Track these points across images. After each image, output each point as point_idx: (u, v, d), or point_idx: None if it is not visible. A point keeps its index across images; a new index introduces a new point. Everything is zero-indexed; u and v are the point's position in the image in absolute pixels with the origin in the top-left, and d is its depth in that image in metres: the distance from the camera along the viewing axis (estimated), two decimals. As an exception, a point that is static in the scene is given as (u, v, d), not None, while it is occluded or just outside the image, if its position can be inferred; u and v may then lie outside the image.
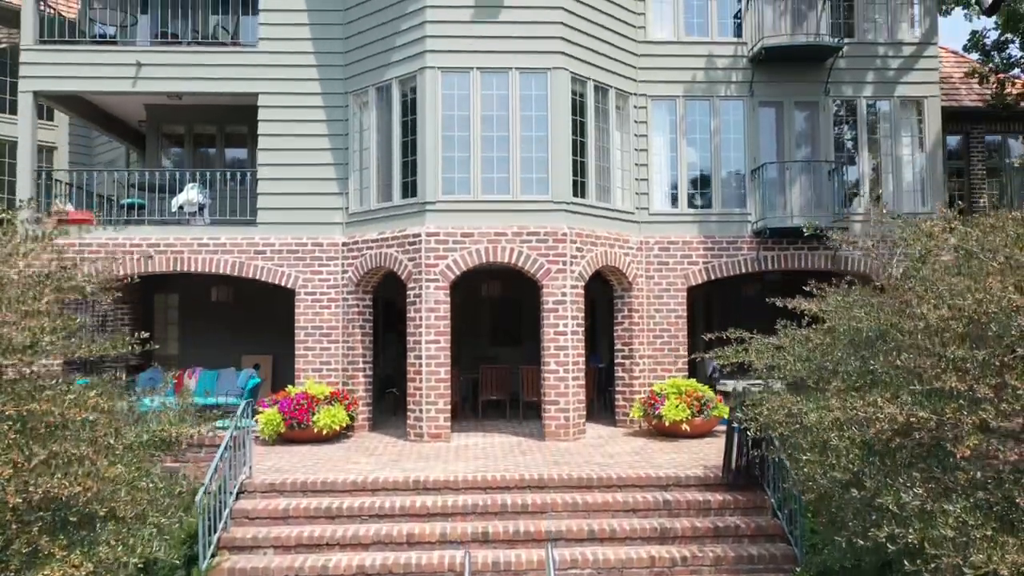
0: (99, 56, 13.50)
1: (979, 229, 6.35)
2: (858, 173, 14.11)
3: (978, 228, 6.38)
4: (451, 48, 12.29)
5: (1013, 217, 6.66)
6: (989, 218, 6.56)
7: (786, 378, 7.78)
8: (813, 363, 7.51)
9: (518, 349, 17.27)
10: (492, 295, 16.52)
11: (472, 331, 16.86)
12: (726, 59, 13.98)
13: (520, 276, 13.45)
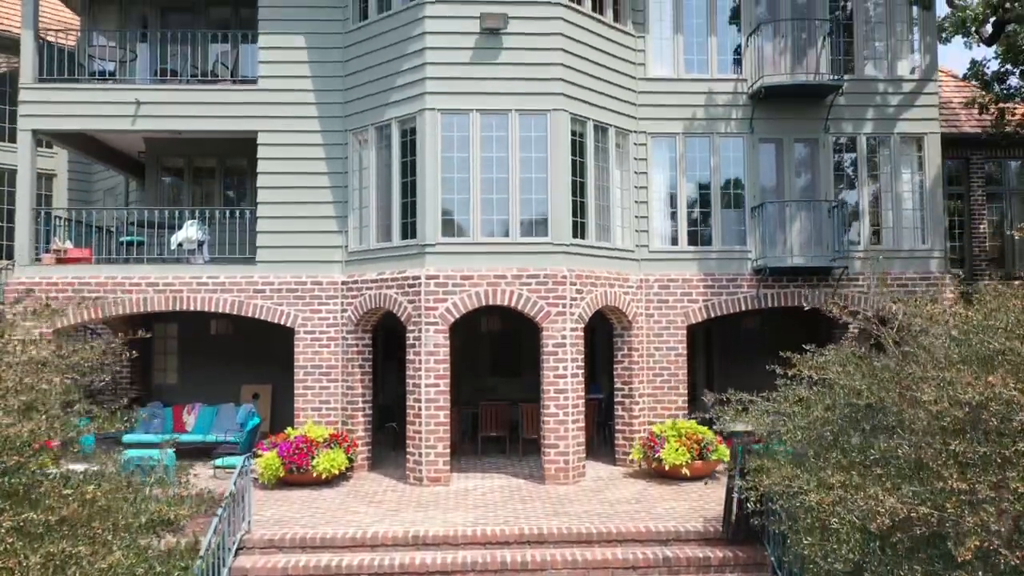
0: (98, 94, 13.49)
1: (981, 312, 6.32)
2: (858, 209, 14.08)
3: (980, 311, 6.35)
4: (451, 90, 12.28)
5: (1014, 292, 6.67)
6: (989, 297, 6.54)
7: (786, 445, 7.76)
8: (813, 432, 7.49)
9: (517, 380, 17.24)
10: (492, 329, 16.50)
11: (471, 362, 16.83)
12: (726, 96, 13.97)
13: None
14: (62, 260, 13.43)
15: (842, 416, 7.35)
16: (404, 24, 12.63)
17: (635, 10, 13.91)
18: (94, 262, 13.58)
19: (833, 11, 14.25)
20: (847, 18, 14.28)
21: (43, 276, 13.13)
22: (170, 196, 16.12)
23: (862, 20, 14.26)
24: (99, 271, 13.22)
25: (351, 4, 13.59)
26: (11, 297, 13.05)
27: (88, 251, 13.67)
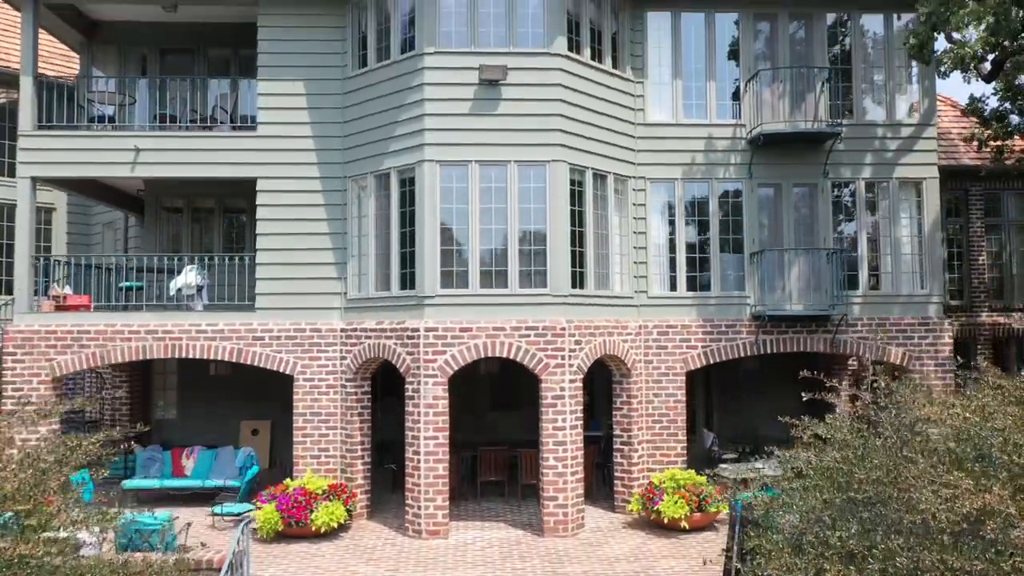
0: (97, 141, 13.50)
1: (980, 413, 6.32)
2: (857, 254, 14.08)
3: (979, 411, 6.35)
4: (449, 141, 12.29)
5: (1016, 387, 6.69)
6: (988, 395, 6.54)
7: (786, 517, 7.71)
8: (812, 514, 7.47)
9: (517, 414, 17.23)
10: (491, 370, 16.51)
11: (470, 398, 16.80)
12: (725, 141, 13.98)
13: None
14: (61, 307, 13.42)
15: (841, 501, 7.34)
16: (403, 74, 12.64)
17: (634, 55, 13.93)
18: (93, 308, 13.58)
19: (832, 56, 14.28)
20: (845, 62, 14.30)
21: (42, 324, 13.13)
22: (169, 234, 16.13)
23: (861, 64, 14.27)
24: (98, 319, 13.22)
25: (350, 51, 13.61)
26: (10, 345, 13.07)
27: (87, 297, 13.66)
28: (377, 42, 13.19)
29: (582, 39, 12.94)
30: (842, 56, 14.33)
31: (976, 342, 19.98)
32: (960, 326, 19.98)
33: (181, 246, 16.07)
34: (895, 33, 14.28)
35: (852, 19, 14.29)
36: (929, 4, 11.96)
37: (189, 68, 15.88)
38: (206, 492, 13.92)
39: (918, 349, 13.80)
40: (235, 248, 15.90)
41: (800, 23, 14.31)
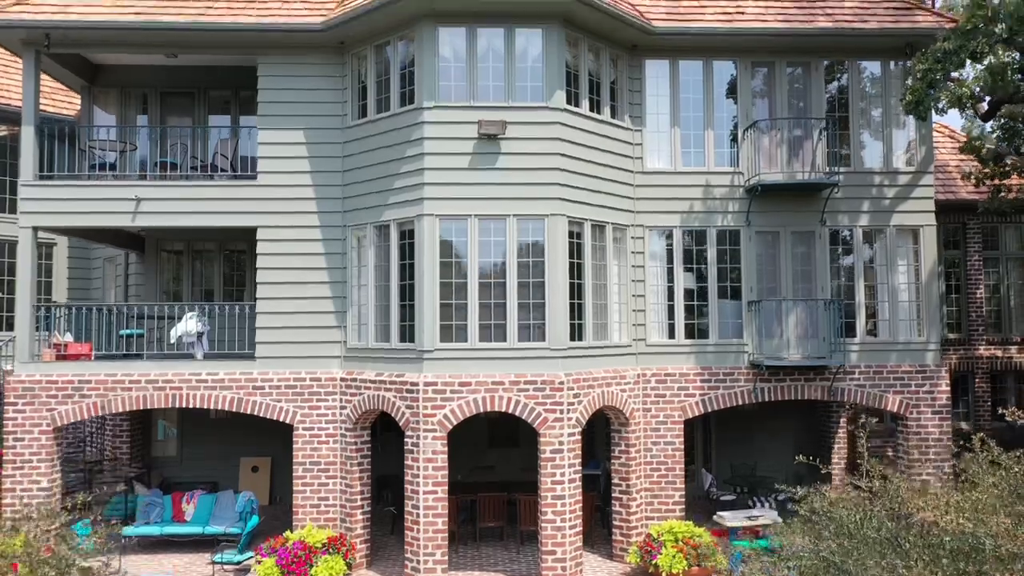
0: (98, 191, 13.54)
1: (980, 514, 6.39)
2: (854, 301, 14.14)
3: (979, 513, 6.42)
4: (449, 195, 12.36)
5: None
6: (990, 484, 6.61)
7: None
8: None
9: (516, 451, 17.31)
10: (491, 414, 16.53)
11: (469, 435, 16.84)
12: (723, 189, 14.05)
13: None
14: (62, 356, 13.48)
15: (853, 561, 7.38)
16: (403, 127, 12.70)
17: (632, 103, 13.99)
18: (94, 357, 13.63)
19: (829, 100, 14.33)
20: (843, 109, 14.35)
21: (43, 373, 13.19)
22: (170, 274, 16.19)
23: (858, 111, 14.34)
24: (99, 368, 13.28)
25: (350, 100, 13.67)
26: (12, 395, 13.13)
27: (88, 346, 13.72)
28: (377, 93, 13.25)
29: (580, 91, 13.00)
30: (840, 103, 14.37)
31: (974, 375, 20.06)
32: (958, 359, 20.05)
33: (181, 286, 16.15)
34: (892, 80, 14.34)
35: (850, 66, 14.35)
36: (925, 61, 12.03)
37: (190, 109, 15.96)
38: (206, 539, 13.98)
39: (915, 397, 13.85)
40: (235, 288, 15.98)
41: (798, 70, 14.36)
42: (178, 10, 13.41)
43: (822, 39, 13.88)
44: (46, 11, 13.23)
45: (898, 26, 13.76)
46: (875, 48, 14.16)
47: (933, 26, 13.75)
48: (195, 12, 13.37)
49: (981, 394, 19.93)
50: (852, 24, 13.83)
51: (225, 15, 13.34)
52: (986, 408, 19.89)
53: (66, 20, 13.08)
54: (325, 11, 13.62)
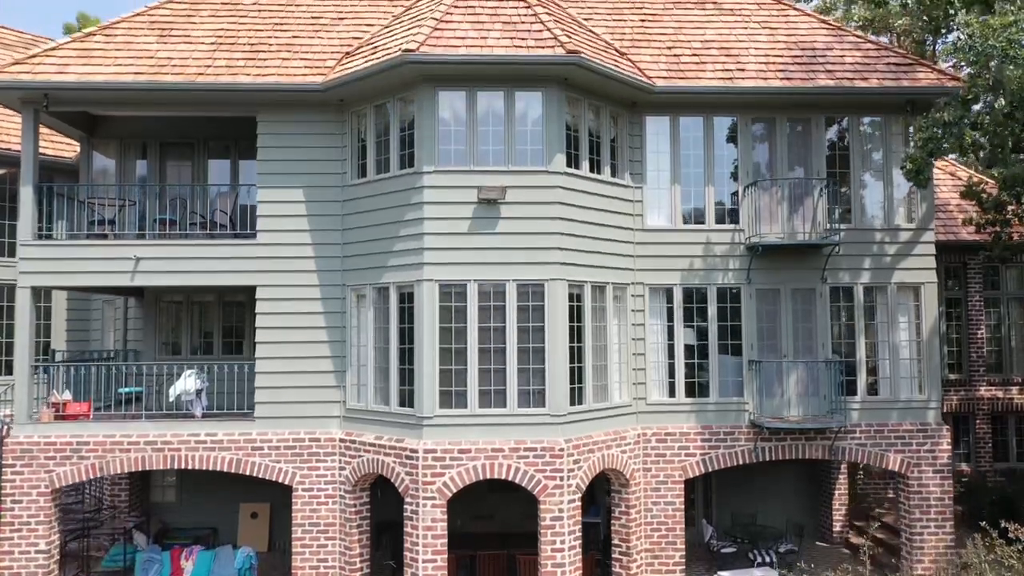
0: (97, 251, 13.48)
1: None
2: (855, 359, 14.09)
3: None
4: (448, 260, 12.32)
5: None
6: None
7: None
8: None
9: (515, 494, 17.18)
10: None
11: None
12: (724, 246, 14.00)
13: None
14: (60, 416, 13.44)
15: None
16: (402, 189, 12.67)
17: (633, 160, 13.96)
18: (92, 416, 13.57)
19: (830, 158, 14.29)
20: (844, 165, 14.31)
21: (41, 435, 13.15)
22: (169, 325, 16.14)
23: (859, 168, 14.29)
24: (97, 429, 13.23)
25: (350, 159, 13.64)
26: (10, 457, 13.09)
27: (87, 405, 13.67)
28: (377, 153, 13.22)
29: (581, 152, 12.97)
30: (840, 158, 14.33)
31: (975, 416, 19.99)
32: (959, 400, 19.98)
33: (180, 336, 16.09)
34: (893, 136, 14.30)
35: (850, 122, 14.31)
36: (926, 130, 11.99)
37: (190, 157, 15.93)
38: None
39: (916, 456, 13.80)
40: (235, 339, 15.94)
41: (798, 126, 14.31)
42: (178, 70, 13.38)
43: (822, 96, 13.84)
44: (45, 71, 13.19)
45: (899, 84, 13.72)
46: (876, 104, 14.12)
47: (935, 84, 13.72)
48: (194, 72, 13.34)
49: (982, 435, 19.87)
50: (852, 82, 13.79)
51: (224, 75, 13.31)
52: (987, 450, 19.83)
53: (64, 81, 13.05)
54: (325, 70, 13.59)
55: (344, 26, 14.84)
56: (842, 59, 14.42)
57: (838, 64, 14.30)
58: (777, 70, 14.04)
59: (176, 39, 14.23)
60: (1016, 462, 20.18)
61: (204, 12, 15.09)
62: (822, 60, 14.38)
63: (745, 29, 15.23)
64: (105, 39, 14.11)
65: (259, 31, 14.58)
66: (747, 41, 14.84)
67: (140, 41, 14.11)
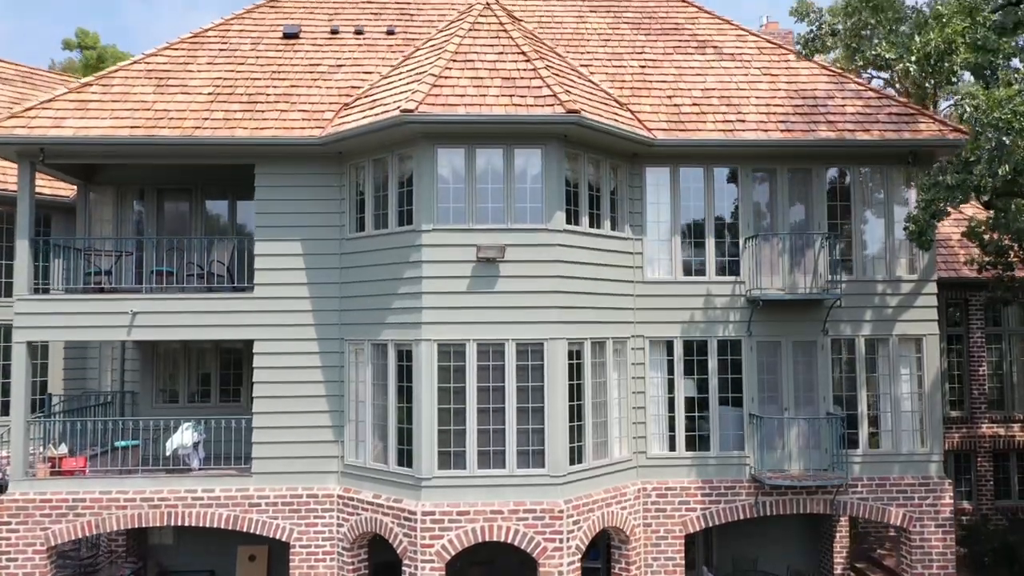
0: (93, 305, 13.37)
1: None
2: (857, 412, 13.99)
3: None
4: (447, 320, 12.22)
5: None
6: None
7: None
8: None
9: (515, 540, 17.11)
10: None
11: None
12: (724, 298, 13.91)
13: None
14: (56, 472, 13.33)
15: None
16: (401, 247, 12.58)
17: (633, 212, 13.87)
18: (88, 472, 13.47)
19: (831, 208, 14.20)
20: (845, 216, 14.22)
21: (37, 492, 13.04)
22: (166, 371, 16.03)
23: (860, 219, 14.20)
24: (94, 485, 13.13)
25: (348, 212, 13.56)
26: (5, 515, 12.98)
27: (83, 459, 13.57)
28: (375, 208, 13.13)
29: (580, 208, 12.88)
30: (842, 209, 14.24)
31: (976, 454, 19.90)
32: (960, 438, 19.89)
33: (178, 382, 15.98)
34: (895, 187, 14.22)
35: (852, 172, 14.22)
36: (927, 192, 11.90)
37: (187, 201, 15.84)
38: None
39: (919, 510, 13.70)
40: (232, 387, 15.84)
41: (799, 175, 14.22)
42: (175, 123, 13.29)
43: (823, 148, 13.75)
44: (41, 125, 13.11)
45: (900, 136, 13.64)
46: (877, 155, 14.03)
47: (936, 136, 13.63)
48: (191, 126, 13.25)
49: (983, 473, 19.78)
50: (854, 133, 13.71)
51: (221, 129, 13.22)
52: (988, 488, 19.74)
53: (61, 136, 12.97)
54: (323, 122, 13.52)
55: (343, 74, 14.75)
56: (843, 108, 14.34)
57: (839, 114, 14.21)
58: (778, 121, 13.96)
59: (173, 89, 14.15)
60: (1018, 499, 20.08)
61: (201, 59, 15.00)
62: (823, 110, 14.30)
63: (746, 76, 15.15)
64: (102, 89, 14.02)
65: (256, 80, 14.49)
66: (748, 89, 14.76)
67: (137, 91, 14.02)
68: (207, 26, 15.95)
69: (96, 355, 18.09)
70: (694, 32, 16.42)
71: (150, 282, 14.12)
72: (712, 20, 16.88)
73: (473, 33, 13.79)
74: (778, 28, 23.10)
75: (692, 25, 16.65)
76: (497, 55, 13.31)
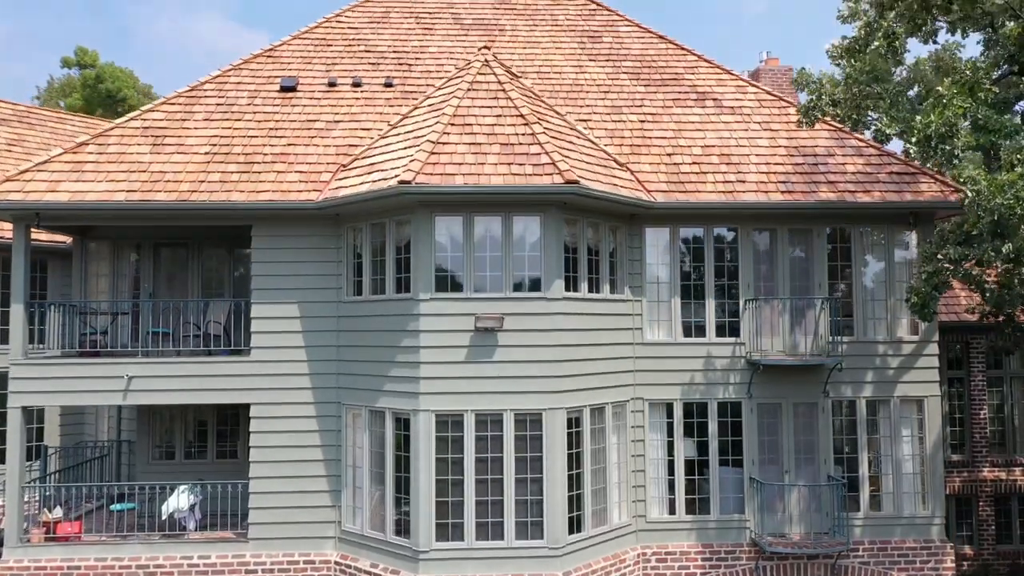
0: (89, 369, 13.28)
1: None
2: (858, 474, 13.89)
3: None
4: (445, 390, 12.13)
5: None
6: None
7: None
8: None
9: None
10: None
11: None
12: (724, 360, 13.82)
13: None
14: (51, 537, 13.23)
15: None
16: (398, 314, 12.49)
17: (632, 273, 13.78)
18: (83, 537, 13.35)
19: (832, 268, 14.11)
20: (846, 276, 14.14)
21: (32, 559, 12.93)
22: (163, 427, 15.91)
23: (861, 279, 14.11)
24: (89, 552, 13.02)
25: (345, 274, 13.47)
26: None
27: (78, 524, 13.47)
28: (373, 272, 13.04)
29: (579, 274, 12.79)
30: (843, 269, 14.15)
31: (978, 499, 19.79)
32: (961, 482, 19.78)
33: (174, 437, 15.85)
34: (896, 247, 14.13)
35: (853, 232, 14.13)
36: (929, 263, 11.81)
37: (184, 256, 15.74)
38: None
39: (920, 574, 13.60)
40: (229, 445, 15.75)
41: (800, 236, 14.13)
42: (171, 187, 13.20)
43: (824, 209, 13.67)
44: (36, 190, 13.02)
45: (901, 198, 13.56)
46: (878, 216, 13.95)
47: (938, 197, 13.56)
48: (187, 189, 13.16)
49: (985, 517, 19.67)
50: (854, 195, 13.63)
51: (217, 192, 13.14)
52: (990, 532, 19.63)
53: (56, 202, 12.88)
54: (320, 184, 13.44)
55: (340, 131, 14.66)
56: (844, 167, 14.25)
57: (840, 172, 14.13)
58: (779, 181, 13.87)
59: (170, 149, 14.06)
60: (1019, 544, 19.94)
61: (198, 115, 14.90)
62: (824, 168, 14.21)
63: (746, 131, 15.05)
64: (97, 149, 13.93)
65: (253, 138, 14.39)
66: (748, 146, 14.67)
67: (133, 152, 13.93)
68: (204, 79, 15.84)
69: (93, 406, 18.02)
70: (694, 83, 16.33)
71: (146, 344, 14.00)
72: (712, 70, 16.79)
73: (472, 94, 13.69)
74: (778, 64, 23.11)
75: (692, 75, 16.56)
76: (495, 118, 13.22)
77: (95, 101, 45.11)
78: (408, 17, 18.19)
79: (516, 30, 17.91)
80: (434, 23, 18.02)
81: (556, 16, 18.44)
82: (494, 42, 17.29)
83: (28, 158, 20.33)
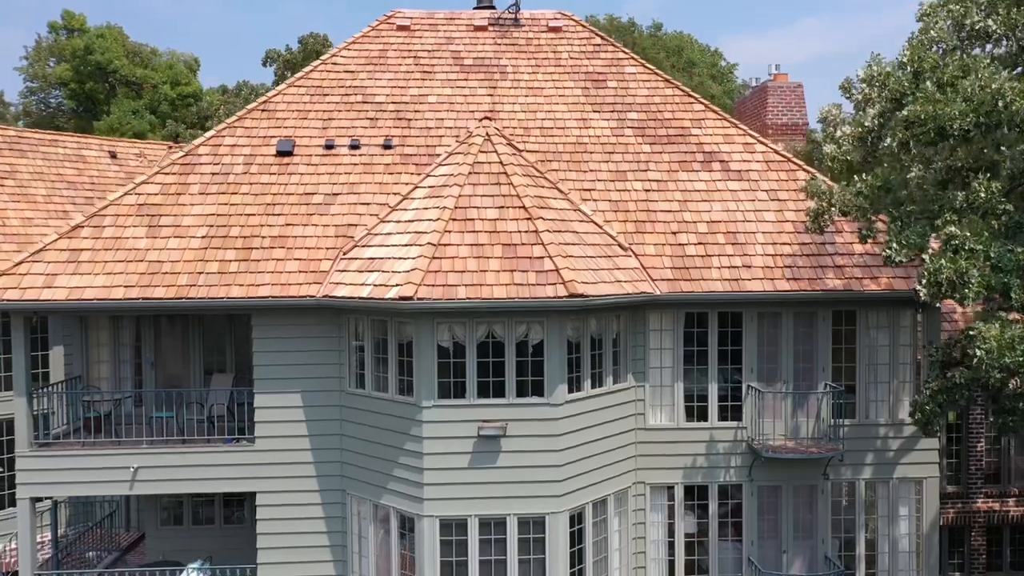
0: (94, 460, 13.34)
1: None
2: (855, 554, 14.15)
3: None
4: (449, 495, 12.25)
5: None
6: None
7: None
8: None
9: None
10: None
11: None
12: (726, 444, 13.90)
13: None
14: (66, 622, 13.57)
15: None
16: (401, 416, 12.52)
17: (635, 359, 13.73)
18: (97, 620, 13.72)
19: (836, 350, 14.05)
20: (850, 358, 14.08)
21: (47, 645, 13.32)
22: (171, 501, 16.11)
23: (865, 362, 14.07)
24: (102, 639, 13.40)
25: (347, 364, 13.42)
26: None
27: (91, 607, 13.80)
28: (375, 368, 13.00)
29: (583, 372, 12.75)
30: (847, 352, 14.08)
31: (971, 529, 20.17)
32: (955, 513, 20.12)
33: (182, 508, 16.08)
34: (900, 330, 14.05)
35: (858, 317, 14.01)
36: (933, 378, 11.75)
37: (185, 331, 15.66)
38: None
39: (912, 650, 14.01)
40: (236, 524, 16.00)
41: (804, 319, 14.01)
42: (168, 280, 13.05)
43: (830, 298, 13.54)
44: (33, 285, 12.89)
45: (909, 286, 13.37)
46: (883, 300, 13.81)
47: (945, 285, 13.37)
48: (185, 283, 13.02)
49: (977, 547, 20.09)
50: (861, 282, 13.50)
51: (216, 287, 13.00)
52: (981, 561, 20.08)
53: (53, 300, 12.76)
54: (320, 274, 13.30)
55: (338, 207, 14.36)
56: (851, 247, 14.03)
57: (847, 254, 13.94)
58: (784, 266, 13.69)
59: (166, 231, 13.81)
60: (1010, 571, 20.45)
61: (193, 187, 14.57)
62: (831, 249, 14.00)
63: (753, 202, 14.75)
64: (93, 234, 13.68)
65: (251, 216, 14.12)
66: (755, 221, 14.41)
67: (129, 236, 13.69)
68: (199, 141, 15.46)
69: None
70: (700, 140, 15.90)
71: (150, 430, 14.02)
72: (719, 122, 16.32)
73: (473, 178, 13.39)
74: (787, 80, 22.47)
75: (699, 130, 16.10)
76: (498, 210, 12.95)
77: (85, 73, 44.03)
78: (406, 57, 17.58)
79: (518, 73, 17.33)
80: (433, 64, 17.42)
81: (559, 54, 17.81)
82: (495, 89, 16.79)
83: (22, 191, 20.09)
